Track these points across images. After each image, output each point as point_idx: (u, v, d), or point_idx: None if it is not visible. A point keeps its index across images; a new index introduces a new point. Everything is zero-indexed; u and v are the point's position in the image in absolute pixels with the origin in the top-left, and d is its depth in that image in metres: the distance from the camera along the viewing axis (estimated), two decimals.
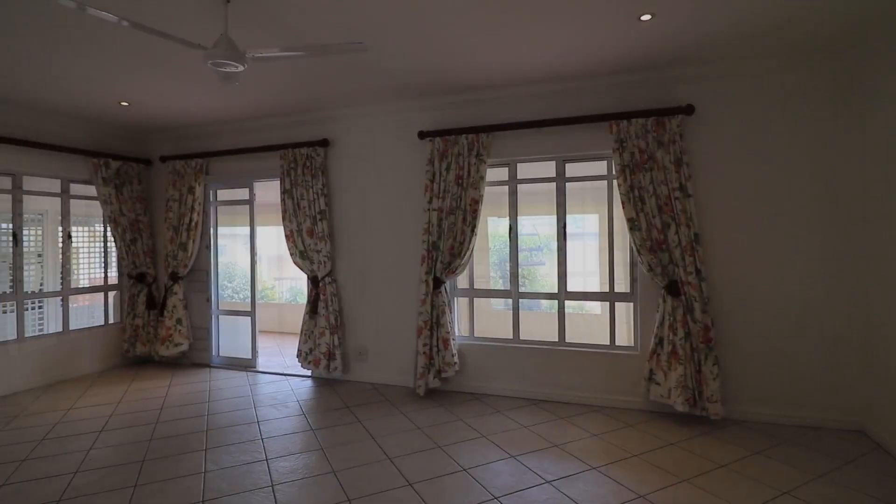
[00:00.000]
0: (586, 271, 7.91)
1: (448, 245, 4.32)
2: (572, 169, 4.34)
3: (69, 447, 3.33)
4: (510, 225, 4.46)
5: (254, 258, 5.41)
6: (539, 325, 7.09)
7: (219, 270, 5.65)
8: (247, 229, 5.42)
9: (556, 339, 4.28)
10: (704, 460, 3.04)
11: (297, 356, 4.83)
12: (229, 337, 5.59)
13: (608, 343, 4.15)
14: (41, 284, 6.27)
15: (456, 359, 4.29)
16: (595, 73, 3.93)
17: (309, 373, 5.02)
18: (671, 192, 3.71)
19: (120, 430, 3.61)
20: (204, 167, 5.40)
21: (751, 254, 3.72)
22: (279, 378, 4.98)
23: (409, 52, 3.46)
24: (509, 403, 4.11)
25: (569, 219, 4.29)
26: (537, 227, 8.56)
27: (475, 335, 4.57)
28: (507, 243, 4.49)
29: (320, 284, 4.77)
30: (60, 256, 5.23)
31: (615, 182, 4.04)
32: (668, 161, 3.73)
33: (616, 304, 4.18)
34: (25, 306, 4.89)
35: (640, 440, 3.35)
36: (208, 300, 5.51)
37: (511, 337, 4.41)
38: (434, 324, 4.28)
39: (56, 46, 3.27)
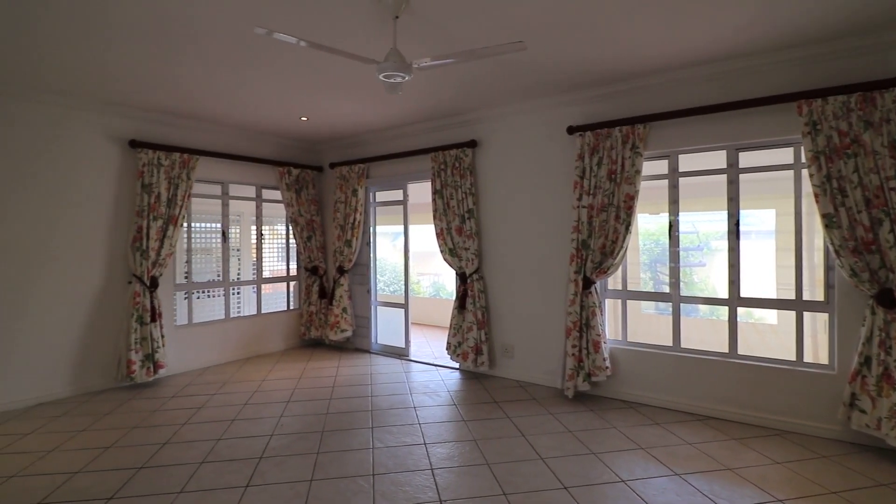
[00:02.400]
0: (758, 274, 6.96)
1: (599, 244, 4.14)
2: (746, 158, 3.84)
3: (265, 413, 3.94)
4: (670, 222, 4.11)
5: (407, 255, 5.80)
6: (697, 332, 6.45)
7: (377, 265, 6.18)
8: (393, 228, 5.83)
9: (727, 350, 3.84)
10: None
11: (447, 349, 5.06)
12: (385, 326, 6.09)
13: (794, 359, 3.60)
14: (238, 274, 7.52)
15: (608, 363, 4.09)
16: (778, 47, 3.42)
17: (457, 365, 5.24)
18: (884, 182, 3.07)
19: (302, 402, 4.17)
20: (365, 171, 5.94)
21: None
22: (430, 368, 5.29)
23: (562, 46, 3.39)
24: (669, 416, 3.80)
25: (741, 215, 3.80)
26: (696, 224, 7.77)
27: (628, 339, 4.31)
28: (660, 242, 4.16)
29: (468, 281, 4.93)
30: (253, 251, 6.21)
31: (805, 172, 3.48)
32: (880, 144, 3.09)
33: (804, 314, 3.59)
34: (230, 292, 5.91)
35: (838, 475, 2.85)
36: (368, 292, 6.07)
37: (670, 344, 4.07)
38: (584, 325, 4.14)
39: (247, 72, 3.87)
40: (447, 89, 4.29)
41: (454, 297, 5.12)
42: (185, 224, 5.17)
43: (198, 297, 5.65)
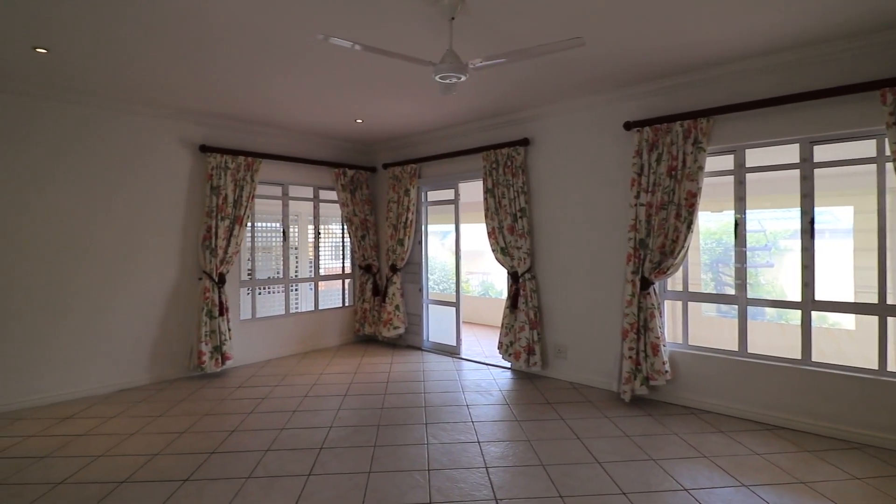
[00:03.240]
0: (834, 276, 6.48)
1: (658, 243, 4.00)
2: (822, 152, 3.60)
3: (323, 405, 4.09)
4: (735, 220, 3.91)
5: (458, 253, 5.84)
6: (764, 336, 6.10)
7: (428, 264, 6.26)
8: (442, 227, 5.86)
9: (799, 357, 3.61)
10: None
11: (498, 348, 5.06)
12: (436, 324, 6.16)
13: (875, 367, 3.34)
14: (296, 272, 7.83)
15: (667, 367, 3.95)
16: (857, 32, 3.17)
17: (508, 364, 5.22)
18: None
19: (358, 396, 4.30)
20: (417, 171, 6.03)
21: None
22: (481, 366, 5.30)
23: (620, 40, 3.30)
24: (734, 424, 3.62)
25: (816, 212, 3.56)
26: (763, 222, 7.34)
27: (689, 343, 4.14)
28: (722, 242, 3.97)
29: (520, 280, 4.90)
30: (310, 250, 6.45)
31: (889, 166, 3.22)
32: None
33: (889, 319, 3.32)
34: (290, 289, 6.17)
35: None
36: (420, 290, 6.16)
37: (736, 349, 3.87)
38: (641, 327, 4.02)
39: (307, 78, 4.01)
40: (499, 88, 4.28)
41: (505, 297, 5.10)
42: (248, 224, 5.44)
43: (259, 294, 5.94)
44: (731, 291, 4.08)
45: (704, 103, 3.90)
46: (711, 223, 7.69)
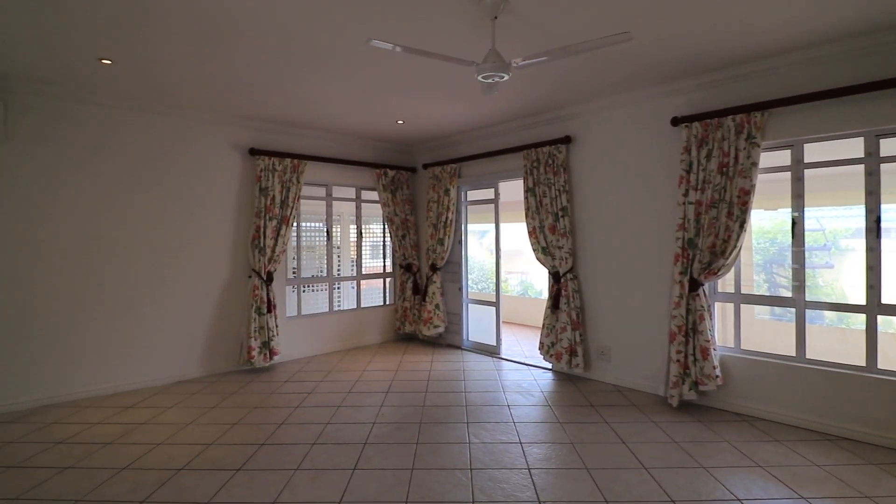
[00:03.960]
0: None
1: (708, 243, 3.85)
2: (889, 146, 3.37)
3: (366, 401, 4.18)
4: (793, 219, 3.72)
5: (498, 253, 5.82)
6: (823, 341, 5.75)
7: (469, 263, 6.27)
8: (479, 226, 5.84)
9: (864, 363, 3.40)
10: None
11: (539, 348, 5.01)
12: (476, 324, 6.16)
13: None
14: (338, 271, 8.01)
15: (718, 372, 3.81)
16: None
17: (549, 366, 5.16)
18: None
19: (399, 394, 4.36)
20: (457, 171, 6.05)
21: None
22: (521, 367, 5.27)
23: (668, 33, 3.21)
24: (791, 433, 3.45)
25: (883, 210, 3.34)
26: (822, 221, 6.93)
27: (741, 347, 3.97)
28: (776, 241, 3.78)
29: (562, 280, 4.83)
30: (352, 249, 6.59)
31: None
32: None
33: None
34: (333, 287, 6.32)
35: None
36: (460, 289, 6.18)
37: (793, 354, 3.69)
38: (690, 330, 3.89)
39: (351, 81, 4.09)
40: (541, 86, 4.24)
41: (545, 296, 5.05)
42: (294, 223, 5.62)
43: (304, 292, 6.12)
44: (787, 293, 3.89)
45: (758, 96, 3.72)
46: (765, 222, 7.33)
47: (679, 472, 2.88)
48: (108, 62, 3.60)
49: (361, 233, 6.53)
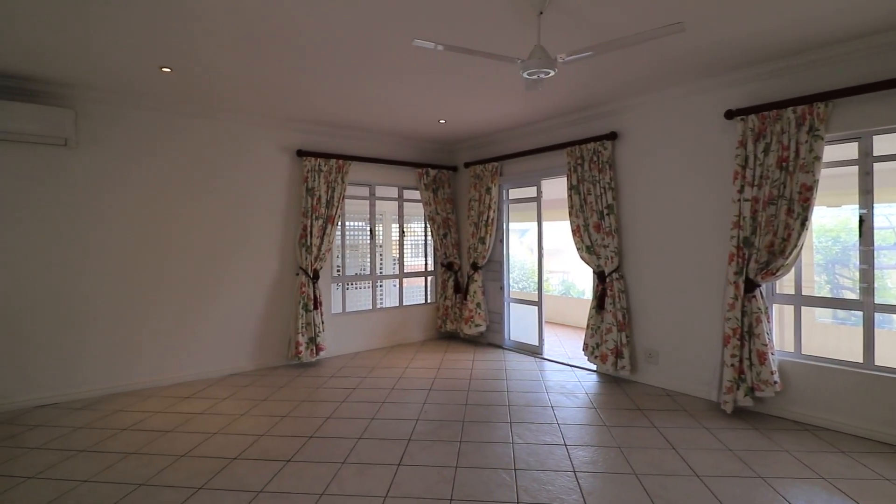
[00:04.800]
0: None
1: (766, 241, 3.67)
2: None
3: (409, 398, 4.22)
4: (860, 216, 3.49)
5: (541, 252, 5.74)
6: (892, 347, 5.35)
7: (510, 262, 6.22)
8: (522, 225, 5.78)
9: None
10: None
11: (584, 349, 4.91)
12: (517, 323, 6.11)
13: None
14: (380, 269, 8.12)
15: (776, 377, 3.62)
16: None
17: (594, 367, 5.06)
18: None
19: (442, 392, 4.39)
20: (499, 169, 6.01)
21: None
22: (564, 368, 5.18)
23: (725, 22, 3.06)
24: (858, 444, 3.23)
25: None
26: (892, 218, 6.45)
27: (802, 352, 3.76)
28: (839, 240, 3.54)
29: (607, 280, 4.72)
30: (394, 247, 6.67)
31: None
32: None
33: None
34: (376, 285, 6.43)
35: None
36: (501, 288, 6.15)
37: (860, 360, 3.45)
38: (746, 333, 3.71)
39: (394, 82, 4.13)
40: (586, 80, 4.15)
41: (587, 296, 4.95)
42: (339, 223, 5.74)
43: (348, 289, 6.26)
44: (851, 295, 3.65)
45: (822, 86, 3.50)
46: (826, 219, 6.89)
47: (734, 482, 2.76)
48: (168, 70, 3.80)
49: (403, 231, 6.60)
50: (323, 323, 5.37)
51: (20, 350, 4.04)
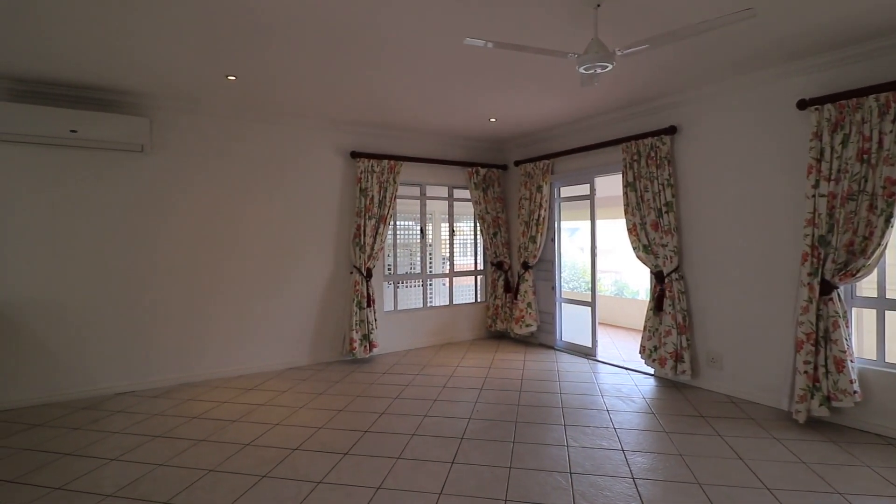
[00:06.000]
0: None
1: (845, 240, 3.41)
2: None
3: (461, 397, 4.24)
4: None
5: (594, 251, 5.60)
6: None
7: (561, 262, 6.11)
8: (572, 223, 5.66)
9: None
10: None
11: (640, 352, 4.75)
12: (569, 323, 6.00)
13: None
14: (430, 267, 8.21)
15: (856, 387, 3.35)
16: None
17: (651, 370, 4.88)
18: None
19: (493, 391, 4.38)
20: (550, 167, 5.92)
21: None
22: (619, 370, 5.04)
23: (797, 6, 2.87)
24: None
25: None
26: None
27: (885, 360, 3.47)
28: None
29: (666, 280, 4.54)
30: (444, 247, 6.71)
31: None
32: None
33: None
34: (426, 283, 6.50)
35: None
36: (553, 288, 6.05)
37: None
38: (821, 338, 3.47)
39: (445, 81, 4.15)
40: (643, 73, 4.00)
41: (644, 297, 4.77)
42: (391, 222, 5.85)
43: (399, 287, 6.36)
44: None
45: None
46: None
47: (808, 497, 2.59)
48: (233, 78, 4.00)
49: (453, 230, 6.63)
50: (376, 320, 5.49)
51: (101, 340, 4.39)
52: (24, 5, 2.81)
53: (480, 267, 6.89)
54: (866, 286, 3.67)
